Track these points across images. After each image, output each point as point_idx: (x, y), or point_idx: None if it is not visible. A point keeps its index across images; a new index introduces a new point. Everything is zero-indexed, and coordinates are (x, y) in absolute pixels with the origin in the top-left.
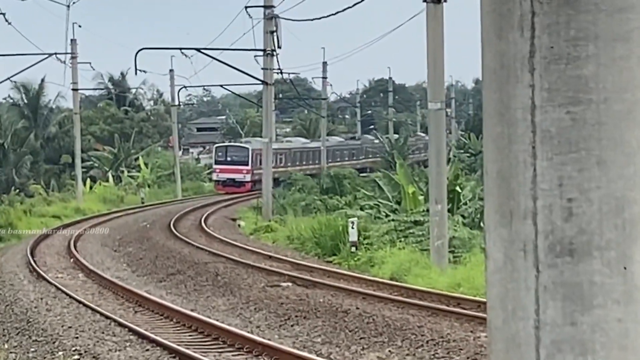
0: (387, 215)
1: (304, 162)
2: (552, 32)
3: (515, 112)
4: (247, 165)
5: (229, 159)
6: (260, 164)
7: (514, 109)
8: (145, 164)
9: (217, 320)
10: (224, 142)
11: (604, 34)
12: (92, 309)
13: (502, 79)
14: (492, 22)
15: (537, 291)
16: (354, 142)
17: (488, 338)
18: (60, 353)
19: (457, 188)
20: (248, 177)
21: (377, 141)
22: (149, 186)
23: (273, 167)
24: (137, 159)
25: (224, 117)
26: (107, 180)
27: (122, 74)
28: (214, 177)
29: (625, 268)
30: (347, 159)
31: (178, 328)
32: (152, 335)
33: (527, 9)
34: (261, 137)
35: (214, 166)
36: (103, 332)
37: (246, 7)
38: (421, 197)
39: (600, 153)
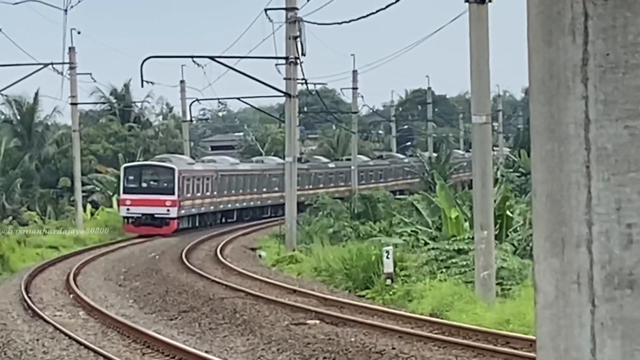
0: (426, 243)
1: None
2: (608, 37)
3: (567, 128)
4: (173, 194)
5: (144, 184)
6: (197, 191)
7: (566, 124)
8: None
9: None
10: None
11: None
12: (95, 351)
13: (551, 90)
14: (539, 26)
15: (593, 328)
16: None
17: None
18: None
19: (507, 212)
20: (174, 212)
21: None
22: None
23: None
24: None
25: (241, 133)
26: (111, 206)
27: (125, 85)
28: (122, 212)
29: None
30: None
31: None
32: None
33: (580, 11)
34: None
35: (122, 196)
36: None
37: (266, 10)
38: (465, 223)
39: None
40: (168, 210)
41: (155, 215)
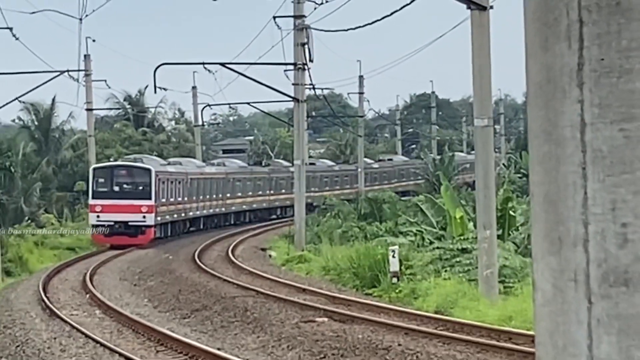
0: (431, 243)
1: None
2: (602, 42)
3: (563, 130)
4: (149, 198)
5: (116, 188)
6: (178, 195)
7: (562, 126)
8: None
9: (247, 359)
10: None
11: None
12: (110, 349)
13: (548, 95)
14: (536, 32)
15: (590, 325)
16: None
17: None
18: None
19: (509, 212)
20: (150, 219)
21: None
22: None
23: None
24: None
25: (252, 137)
26: None
27: (139, 91)
28: (92, 220)
29: None
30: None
31: None
32: None
33: (575, 17)
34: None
35: (91, 201)
36: None
37: (275, 18)
38: (469, 223)
39: None
40: (144, 217)
41: (130, 223)
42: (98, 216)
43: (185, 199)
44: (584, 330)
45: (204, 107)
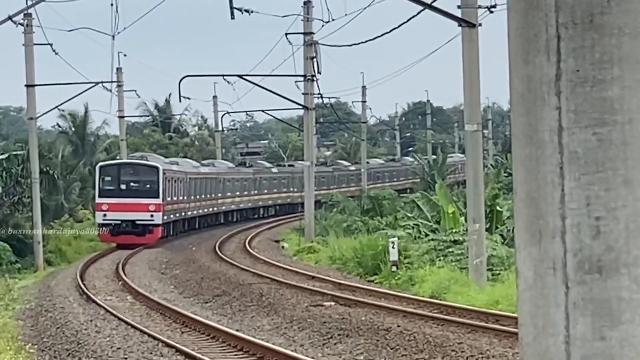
0: (426, 235)
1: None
2: (578, 55)
3: (542, 134)
4: (157, 197)
5: (123, 186)
6: (185, 195)
7: (542, 131)
8: None
9: (262, 339)
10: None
11: (627, 56)
12: (141, 330)
13: (529, 102)
14: (519, 46)
15: (567, 307)
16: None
17: (519, 354)
18: None
19: (497, 207)
20: (158, 218)
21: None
22: None
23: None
24: None
25: (266, 141)
26: None
27: (166, 100)
28: (98, 218)
29: None
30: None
31: (224, 348)
32: (199, 355)
33: (553, 33)
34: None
35: (97, 200)
36: (151, 353)
37: (286, 34)
38: (461, 217)
39: (626, 172)
40: (152, 215)
41: (137, 222)
42: (105, 215)
43: (185, 198)
44: (562, 313)
45: (224, 114)
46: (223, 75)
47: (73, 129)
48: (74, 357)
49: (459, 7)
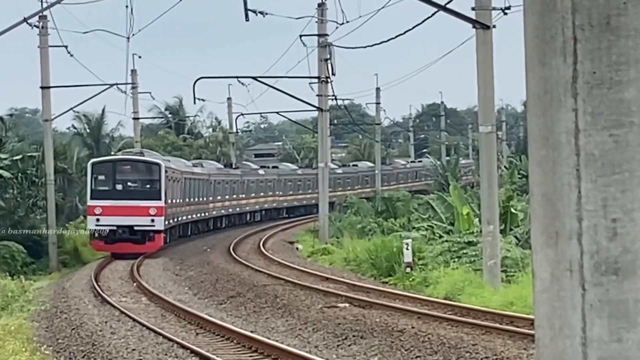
0: (440, 237)
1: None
2: (594, 57)
3: (559, 136)
4: (158, 198)
5: (119, 186)
6: (190, 197)
7: (558, 132)
8: None
9: (277, 341)
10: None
11: None
12: (155, 332)
13: (546, 104)
14: (535, 48)
15: (584, 309)
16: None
17: (535, 356)
18: None
19: (511, 209)
20: (159, 223)
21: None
22: None
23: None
24: None
25: (280, 143)
26: None
27: (180, 102)
28: (91, 224)
29: None
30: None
31: (238, 349)
32: (214, 357)
33: (570, 35)
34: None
35: (89, 202)
36: (166, 354)
37: (301, 36)
38: (475, 219)
39: None
40: (153, 220)
41: (135, 228)
42: (98, 220)
43: (180, 200)
44: (579, 314)
45: (238, 116)
46: (238, 77)
47: (88, 130)
48: (89, 358)
49: (473, 8)
